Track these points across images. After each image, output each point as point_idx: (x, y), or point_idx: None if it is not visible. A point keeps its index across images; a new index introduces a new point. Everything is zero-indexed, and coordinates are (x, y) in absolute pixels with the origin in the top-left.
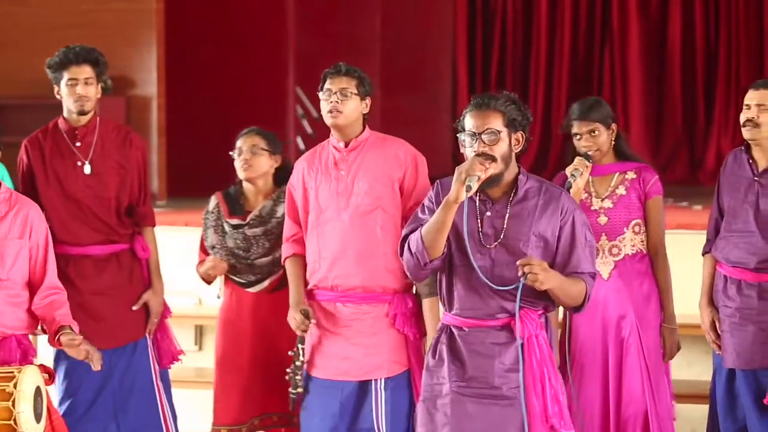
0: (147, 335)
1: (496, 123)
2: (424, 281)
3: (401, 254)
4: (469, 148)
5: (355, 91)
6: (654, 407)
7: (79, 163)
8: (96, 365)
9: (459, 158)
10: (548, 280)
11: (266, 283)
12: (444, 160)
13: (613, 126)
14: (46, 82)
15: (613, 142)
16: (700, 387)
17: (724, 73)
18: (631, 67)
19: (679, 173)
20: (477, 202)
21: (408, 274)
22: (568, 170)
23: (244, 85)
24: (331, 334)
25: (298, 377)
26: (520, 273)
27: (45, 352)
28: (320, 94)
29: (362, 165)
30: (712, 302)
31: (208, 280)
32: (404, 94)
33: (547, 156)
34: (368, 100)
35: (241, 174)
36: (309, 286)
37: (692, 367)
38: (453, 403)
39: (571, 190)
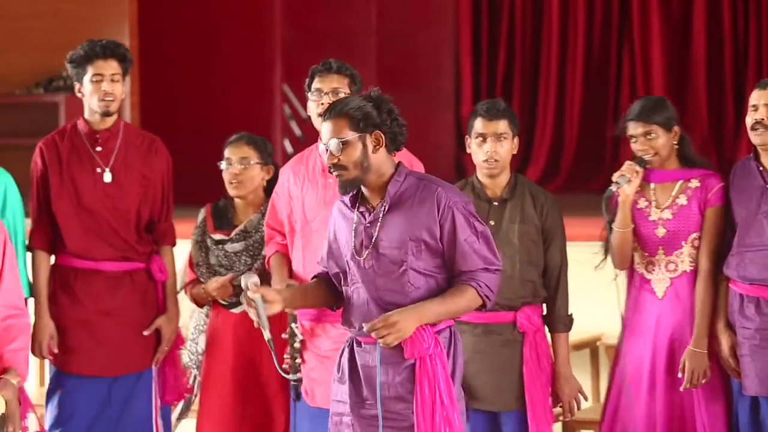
0: (153, 365)
1: (343, 131)
2: None
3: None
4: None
5: (348, 91)
6: None
7: (99, 170)
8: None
9: (462, 161)
10: (406, 328)
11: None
12: (446, 163)
13: (676, 129)
14: (6, 76)
15: (676, 146)
16: None
17: (754, 68)
18: (654, 65)
19: None
20: (357, 214)
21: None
22: (615, 176)
23: (225, 81)
24: (319, 358)
25: (297, 360)
26: (367, 329)
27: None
28: (309, 95)
29: None
30: (729, 325)
31: (202, 302)
32: (402, 93)
33: (559, 163)
34: None
35: (231, 191)
36: None
37: None
38: (352, 425)
39: (619, 200)
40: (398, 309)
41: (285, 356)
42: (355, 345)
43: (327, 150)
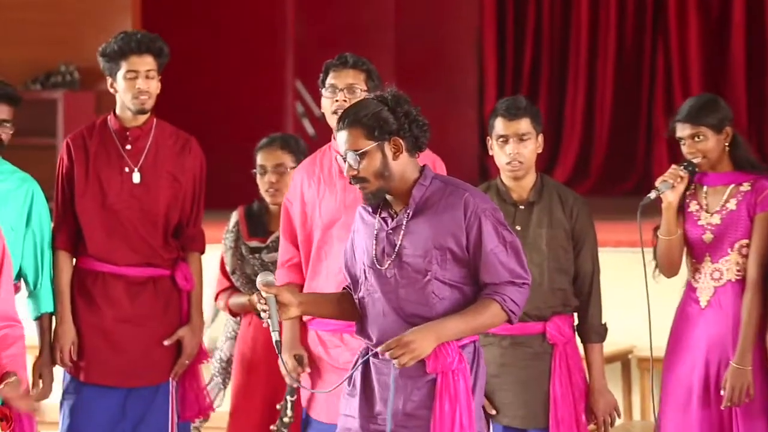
0: (171, 379)
1: (359, 141)
2: None
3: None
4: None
5: (364, 87)
6: None
7: (127, 170)
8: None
9: (486, 162)
10: (423, 348)
11: None
12: (469, 165)
13: (728, 130)
14: (0, 71)
15: (727, 148)
16: None
17: None
18: (691, 60)
19: None
20: (379, 220)
21: None
22: (658, 181)
23: (234, 77)
24: (336, 370)
25: None
26: (382, 350)
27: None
28: (323, 91)
29: None
30: None
31: (240, 312)
32: (421, 90)
33: (588, 164)
34: None
35: (268, 199)
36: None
37: None
38: None
39: (663, 206)
40: (415, 327)
41: (272, 428)
42: (371, 357)
43: (345, 161)
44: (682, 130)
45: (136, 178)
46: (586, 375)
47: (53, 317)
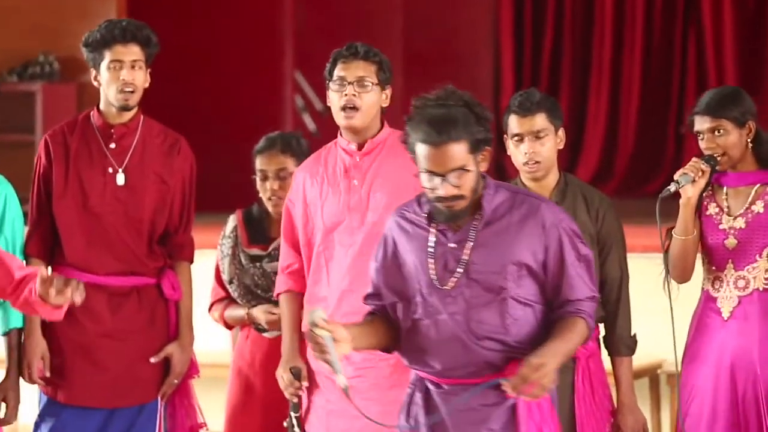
0: (159, 398)
1: (464, 157)
2: None
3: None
4: (430, 187)
5: (375, 80)
6: None
7: (111, 170)
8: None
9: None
10: (551, 374)
11: None
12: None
13: (750, 125)
14: None
15: (750, 145)
16: None
17: None
18: (725, 50)
19: None
20: (435, 233)
21: None
22: (677, 174)
23: (229, 69)
24: (340, 388)
25: None
26: (508, 389)
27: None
28: (330, 83)
29: (380, 172)
30: None
31: (234, 325)
32: (432, 83)
33: (613, 163)
34: (389, 90)
35: (271, 208)
36: None
37: None
38: None
39: (680, 202)
40: (532, 357)
41: None
42: (432, 387)
43: (441, 182)
44: (701, 123)
45: (120, 179)
46: (612, 392)
47: (22, 333)
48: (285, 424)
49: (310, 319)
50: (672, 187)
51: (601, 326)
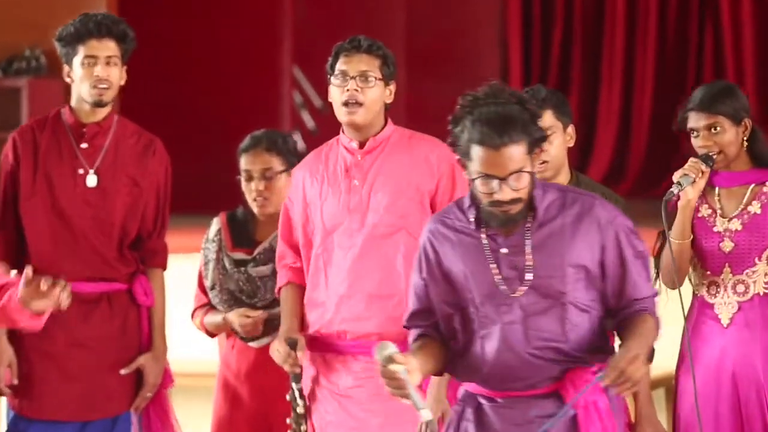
0: (132, 411)
1: (524, 158)
2: None
3: None
4: (486, 191)
5: (379, 75)
6: None
7: (81, 171)
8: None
9: None
10: (642, 368)
11: (270, 338)
12: None
13: (746, 122)
14: None
15: (746, 143)
16: None
17: None
18: (745, 44)
19: None
20: (485, 239)
21: None
22: (676, 176)
23: (224, 63)
24: (338, 396)
25: (303, 428)
26: (606, 383)
27: None
28: (331, 78)
29: (382, 172)
30: None
31: (216, 332)
32: (436, 79)
33: (625, 163)
34: (393, 86)
35: (256, 209)
36: (310, 330)
37: None
38: None
39: (679, 204)
40: (619, 352)
41: (288, 420)
42: (484, 401)
43: (499, 185)
44: (696, 121)
45: (92, 181)
46: (628, 403)
47: None
48: (288, 397)
49: (381, 355)
50: (675, 190)
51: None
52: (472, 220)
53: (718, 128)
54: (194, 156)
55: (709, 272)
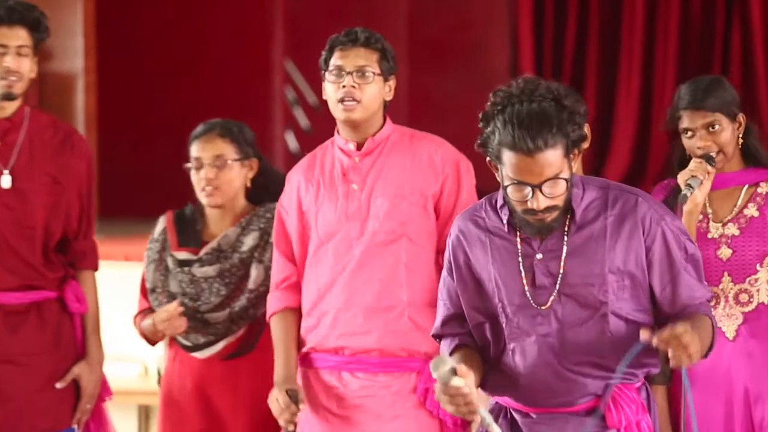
0: (75, 426)
1: (560, 163)
2: None
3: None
4: (518, 199)
5: (377, 70)
6: None
7: None
8: None
9: None
10: (696, 344)
11: (219, 346)
12: None
13: (740, 117)
14: None
15: (740, 140)
16: None
17: None
18: None
19: None
20: (519, 243)
21: None
22: (681, 178)
23: (210, 57)
24: (335, 418)
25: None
26: (658, 344)
27: None
28: (326, 74)
29: (381, 175)
30: None
31: (153, 338)
32: (441, 73)
33: (645, 163)
34: (392, 82)
35: (205, 200)
36: (305, 348)
37: None
38: None
39: (685, 208)
40: (678, 323)
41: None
42: (518, 416)
43: (532, 193)
44: (693, 120)
45: (6, 182)
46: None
47: None
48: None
49: (440, 370)
50: (688, 193)
51: None
52: (505, 222)
53: (717, 126)
54: (178, 155)
55: (706, 282)
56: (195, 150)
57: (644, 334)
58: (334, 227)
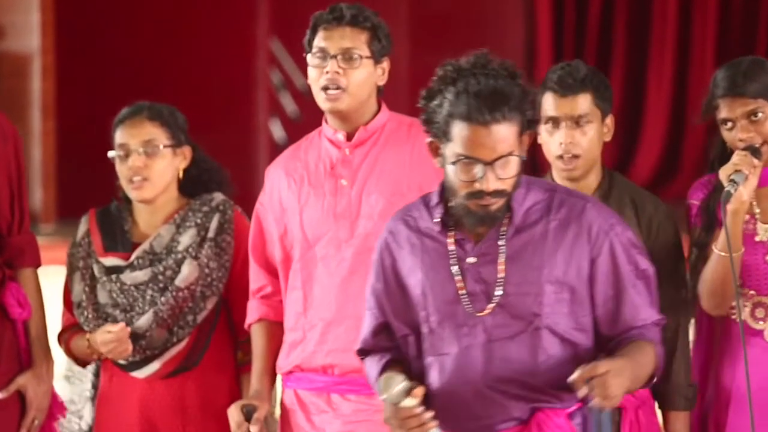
0: None
1: (515, 140)
2: None
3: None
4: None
5: (367, 52)
6: None
7: None
8: None
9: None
10: (621, 390)
11: (157, 364)
12: None
13: None
14: None
15: None
16: None
17: None
18: None
19: None
20: (451, 244)
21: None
22: (724, 173)
23: (187, 36)
24: None
25: None
26: (582, 393)
27: None
28: (309, 57)
29: (375, 169)
30: None
31: (86, 360)
32: (445, 54)
33: (678, 158)
34: (386, 64)
35: (132, 193)
36: (288, 367)
37: None
38: None
39: (729, 207)
40: (603, 361)
41: None
42: None
43: (483, 171)
44: (733, 109)
45: None
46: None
47: None
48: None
49: (391, 391)
50: (732, 190)
51: None
52: (437, 220)
53: (760, 114)
54: None
55: (752, 291)
56: (120, 136)
57: (575, 374)
58: (321, 228)
